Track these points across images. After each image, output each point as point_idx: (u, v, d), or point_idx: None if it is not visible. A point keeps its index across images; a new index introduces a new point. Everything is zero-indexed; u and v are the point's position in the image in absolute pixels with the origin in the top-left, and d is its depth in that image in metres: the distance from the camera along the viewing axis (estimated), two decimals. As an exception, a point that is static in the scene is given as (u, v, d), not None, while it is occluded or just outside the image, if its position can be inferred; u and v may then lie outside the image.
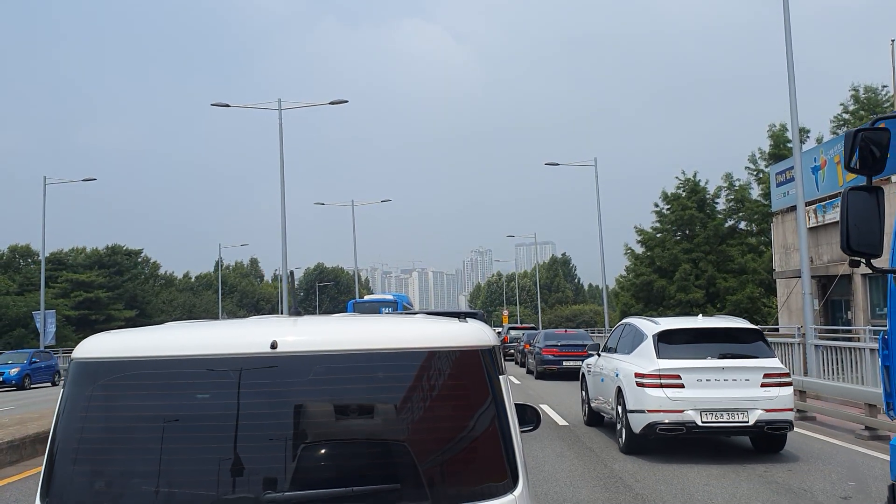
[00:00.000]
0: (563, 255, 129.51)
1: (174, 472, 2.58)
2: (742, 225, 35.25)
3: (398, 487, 2.54)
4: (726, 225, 35.45)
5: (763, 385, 9.58)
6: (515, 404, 3.16)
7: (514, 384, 22.74)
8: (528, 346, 30.31)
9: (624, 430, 10.24)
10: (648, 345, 10.17)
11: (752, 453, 10.07)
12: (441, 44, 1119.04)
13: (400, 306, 38.15)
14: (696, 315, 31.25)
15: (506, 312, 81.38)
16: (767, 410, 9.46)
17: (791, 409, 9.78)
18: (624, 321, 12.47)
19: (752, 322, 32.83)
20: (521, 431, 3.19)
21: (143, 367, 2.68)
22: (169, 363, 2.67)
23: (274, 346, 2.63)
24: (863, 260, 3.79)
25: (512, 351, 37.65)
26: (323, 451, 2.62)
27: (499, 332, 45.23)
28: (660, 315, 34.07)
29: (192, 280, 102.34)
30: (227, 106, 31.98)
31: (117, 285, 69.60)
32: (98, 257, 71.74)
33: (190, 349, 2.71)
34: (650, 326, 10.58)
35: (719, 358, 9.75)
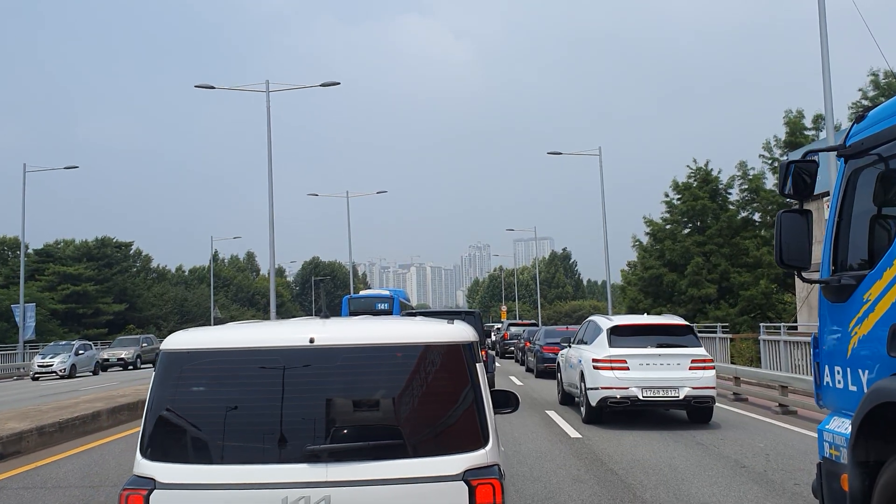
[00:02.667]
0: (564, 250, 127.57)
1: (239, 431, 3.57)
2: (757, 216, 33.28)
3: (402, 442, 3.51)
4: (740, 216, 33.52)
5: (691, 368, 11.98)
6: (497, 390, 4.70)
7: (515, 385, 21.08)
8: (528, 344, 28.67)
9: (584, 404, 12.77)
10: (603, 337, 12.67)
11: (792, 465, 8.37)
12: (439, 40, 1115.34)
13: (396, 301, 36.35)
14: (709, 311, 29.52)
15: (504, 308, 79.72)
16: (694, 388, 11.88)
17: (713, 388, 12.15)
18: (589, 318, 15.03)
19: (766, 320, 31.13)
20: (503, 413, 4.67)
21: (214, 355, 3.72)
22: (234, 353, 3.70)
23: (312, 340, 3.64)
24: (794, 271, 4.47)
25: (512, 348, 35.80)
26: (348, 416, 3.62)
27: (498, 329, 43.47)
28: (670, 311, 32.40)
29: (186, 274, 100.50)
30: (212, 87, 30.27)
31: (106, 278, 67.48)
32: (87, 249, 69.69)
33: (249, 342, 3.74)
34: (606, 322, 13.18)
35: (657, 347, 12.23)
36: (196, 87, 30.22)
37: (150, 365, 36.91)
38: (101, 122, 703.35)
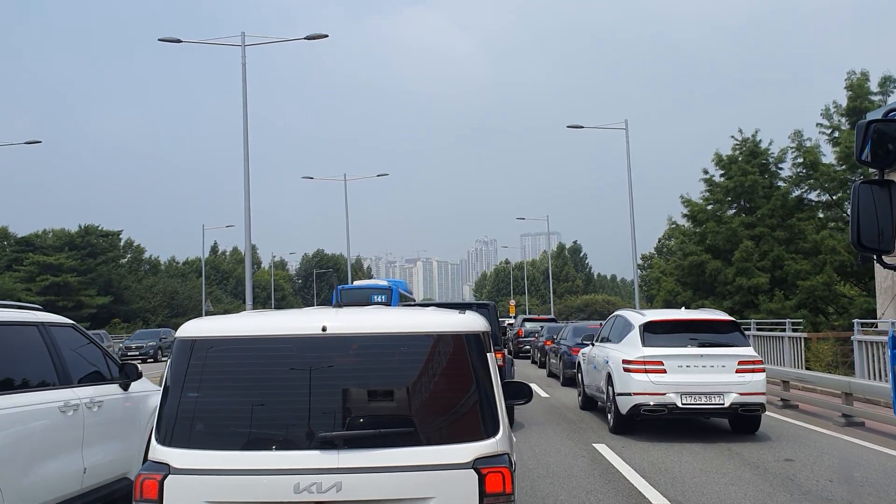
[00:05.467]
0: (574, 243, 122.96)
1: (252, 418, 3.59)
2: (814, 195, 28.55)
3: (412, 430, 3.52)
4: (793, 195, 28.81)
5: (738, 371, 10.62)
6: (510, 382, 4.72)
7: (539, 397, 16.65)
8: (549, 343, 24.20)
9: (613, 412, 11.29)
10: (635, 334, 11.18)
11: None
12: (445, 33, 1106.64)
13: (395, 293, 31.79)
14: (761, 304, 24.54)
15: (513, 302, 75.34)
16: (741, 394, 10.51)
17: (763, 394, 10.72)
18: (616, 313, 13.45)
19: (823, 315, 26.54)
20: (516, 404, 4.73)
21: (228, 343, 3.74)
22: (247, 340, 3.74)
23: (324, 329, 3.68)
24: (874, 256, 3.88)
25: (528, 347, 31.24)
26: (359, 404, 3.62)
27: (510, 325, 38.98)
28: (715, 305, 27.92)
29: (181, 265, 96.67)
30: (179, 41, 25.89)
31: (90, 269, 63.09)
32: (69, 238, 65.30)
33: (262, 330, 3.77)
34: (637, 318, 11.55)
35: (698, 346, 10.85)
36: (160, 40, 25.88)
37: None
38: (104, 115, 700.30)
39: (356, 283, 37.92)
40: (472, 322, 3.79)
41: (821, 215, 28.31)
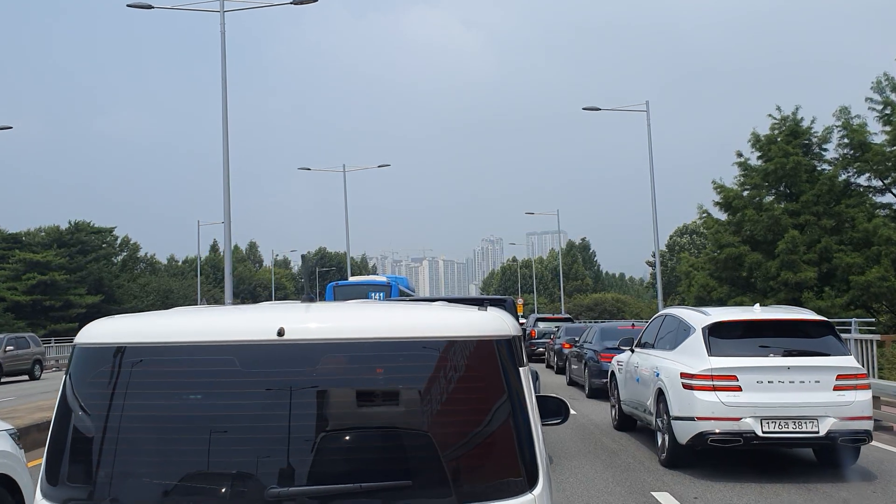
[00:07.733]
0: (583, 240, 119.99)
1: (175, 462, 2.43)
2: (863, 179, 25.48)
3: (409, 484, 2.35)
4: (840, 178, 25.77)
5: (836, 388, 8.27)
6: (540, 396, 3.24)
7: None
8: (567, 346, 21.40)
9: (667, 440, 8.91)
10: (697, 339, 8.84)
11: None
12: (449, 30, 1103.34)
13: (395, 290, 28.99)
14: (807, 301, 20.68)
15: (521, 301, 72.53)
16: (842, 419, 8.14)
17: (870, 418, 8.41)
18: (663, 312, 11.35)
19: (868, 313, 23.47)
20: (549, 424, 3.29)
21: (145, 353, 2.55)
22: (172, 350, 2.53)
23: (281, 333, 2.48)
24: None
25: (542, 350, 28.44)
26: (329, 444, 2.41)
27: (522, 325, 36.21)
28: (752, 301, 24.93)
29: (180, 264, 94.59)
30: (150, 7, 23.40)
31: (80, 267, 60.40)
32: (58, 235, 62.60)
33: (194, 335, 2.56)
34: (698, 318, 9.19)
35: (783, 355, 8.46)
36: (129, 6, 23.38)
37: (18, 377, 28.94)
38: (115, 114, 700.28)
39: (351, 279, 34.91)
40: (500, 322, 2.53)
41: (874, 200, 25.28)
